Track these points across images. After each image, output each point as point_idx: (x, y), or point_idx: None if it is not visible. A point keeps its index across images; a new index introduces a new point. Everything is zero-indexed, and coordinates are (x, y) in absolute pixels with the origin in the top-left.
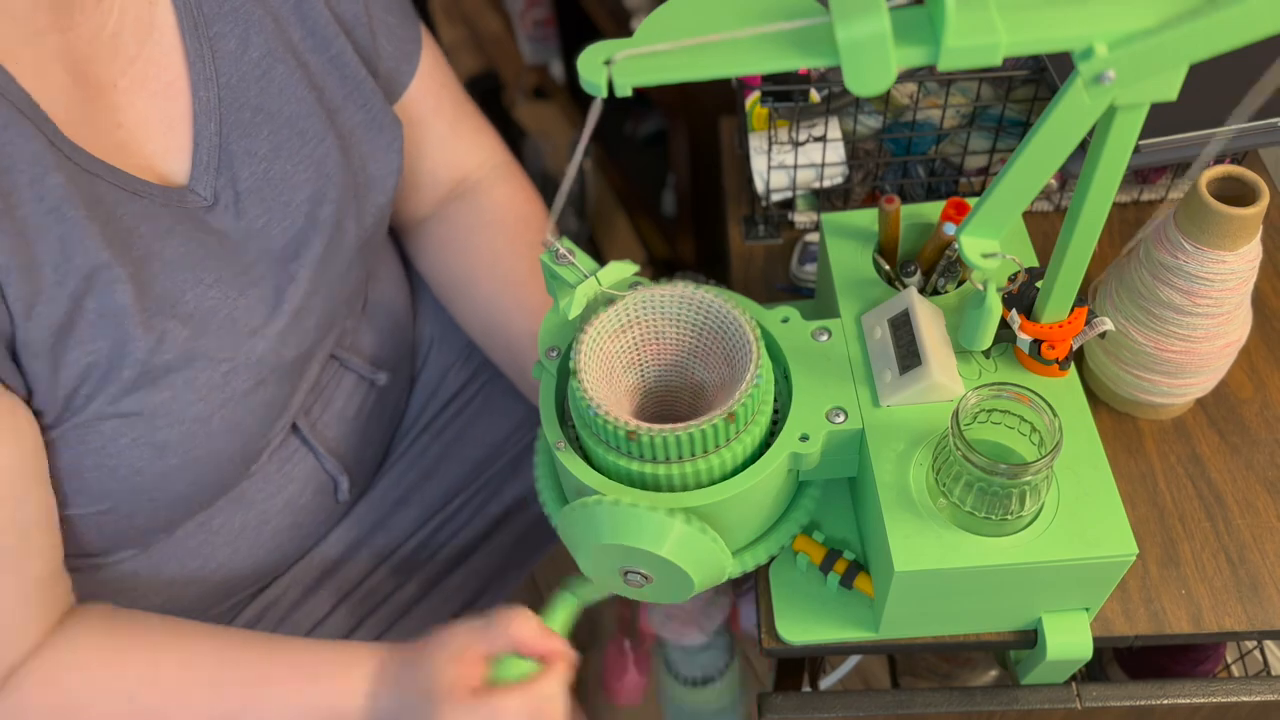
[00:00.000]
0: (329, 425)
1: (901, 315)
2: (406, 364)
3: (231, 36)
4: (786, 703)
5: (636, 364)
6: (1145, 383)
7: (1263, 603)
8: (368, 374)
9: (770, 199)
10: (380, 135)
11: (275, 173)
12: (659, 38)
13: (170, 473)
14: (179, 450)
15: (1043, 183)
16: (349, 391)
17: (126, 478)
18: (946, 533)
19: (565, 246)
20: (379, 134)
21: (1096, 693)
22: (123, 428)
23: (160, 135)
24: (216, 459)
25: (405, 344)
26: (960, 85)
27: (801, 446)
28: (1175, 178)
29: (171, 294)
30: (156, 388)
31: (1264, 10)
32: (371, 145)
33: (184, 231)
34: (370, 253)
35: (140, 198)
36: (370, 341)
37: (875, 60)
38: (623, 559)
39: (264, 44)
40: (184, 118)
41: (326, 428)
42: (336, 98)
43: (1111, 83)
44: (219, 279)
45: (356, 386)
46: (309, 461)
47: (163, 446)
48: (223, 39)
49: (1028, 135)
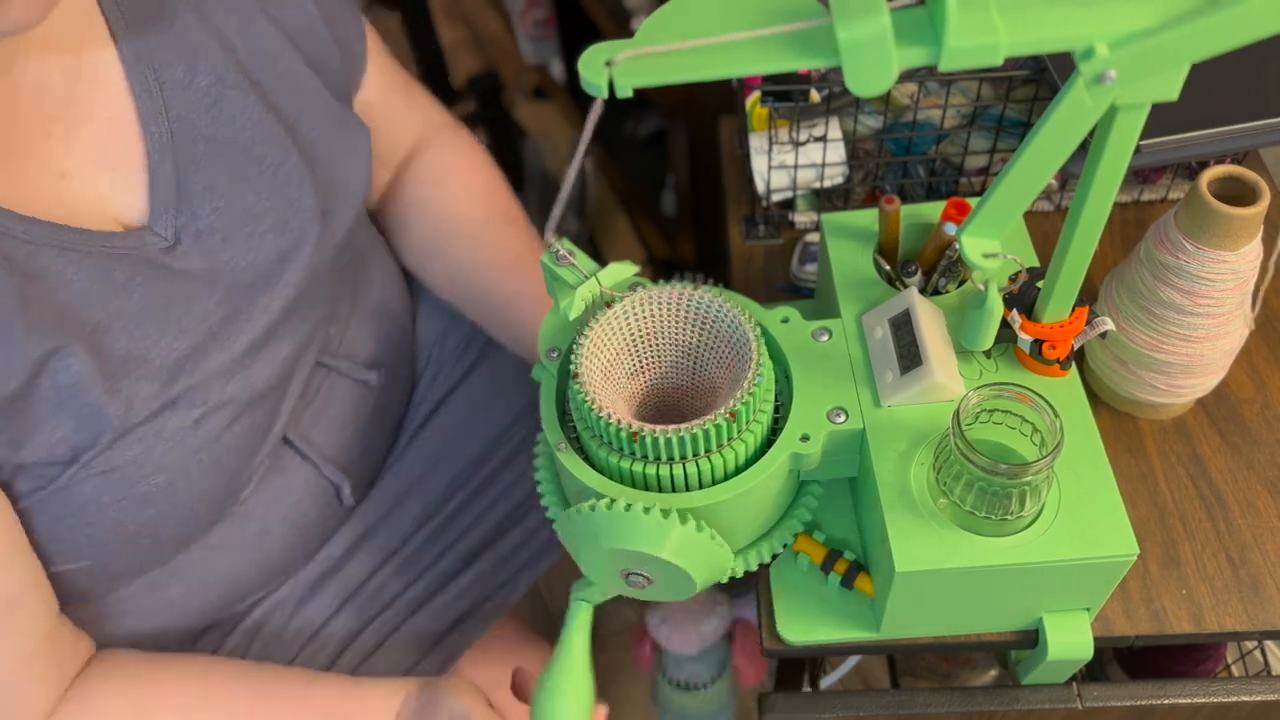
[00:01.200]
0: (323, 433)
1: (902, 315)
2: (405, 363)
3: (178, 66)
4: (787, 703)
5: (637, 365)
6: (1146, 383)
7: (1263, 603)
8: (360, 376)
9: (770, 199)
10: (345, 142)
11: (237, 205)
12: (660, 38)
13: (155, 520)
14: (161, 499)
15: (1044, 183)
16: (341, 397)
17: (110, 530)
18: (947, 533)
19: (566, 247)
20: (344, 141)
21: (1097, 693)
22: (102, 487)
23: (110, 177)
24: (203, 497)
25: (403, 343)
26: (961, 85)
27: (802, 447)
28: (1176, 178)
29: (137, 353)
30: (127, 443)
31: (1265, 10)
32: (338, 154)
33: (145, 281)
34: (351, 261)
35: (91, 256)
36: (363, 344)
37: (876, 61)
38: (624, 561)
39: (211, 71)
40: (136, 156)
41: (321, 435)
42: (293, 113)
43: (1112, 83)
44: (185, 327)
45: (349, 391)
46: (306, 471)
47: (144, 498)
48: (169, 69)
49: (1029, 136)
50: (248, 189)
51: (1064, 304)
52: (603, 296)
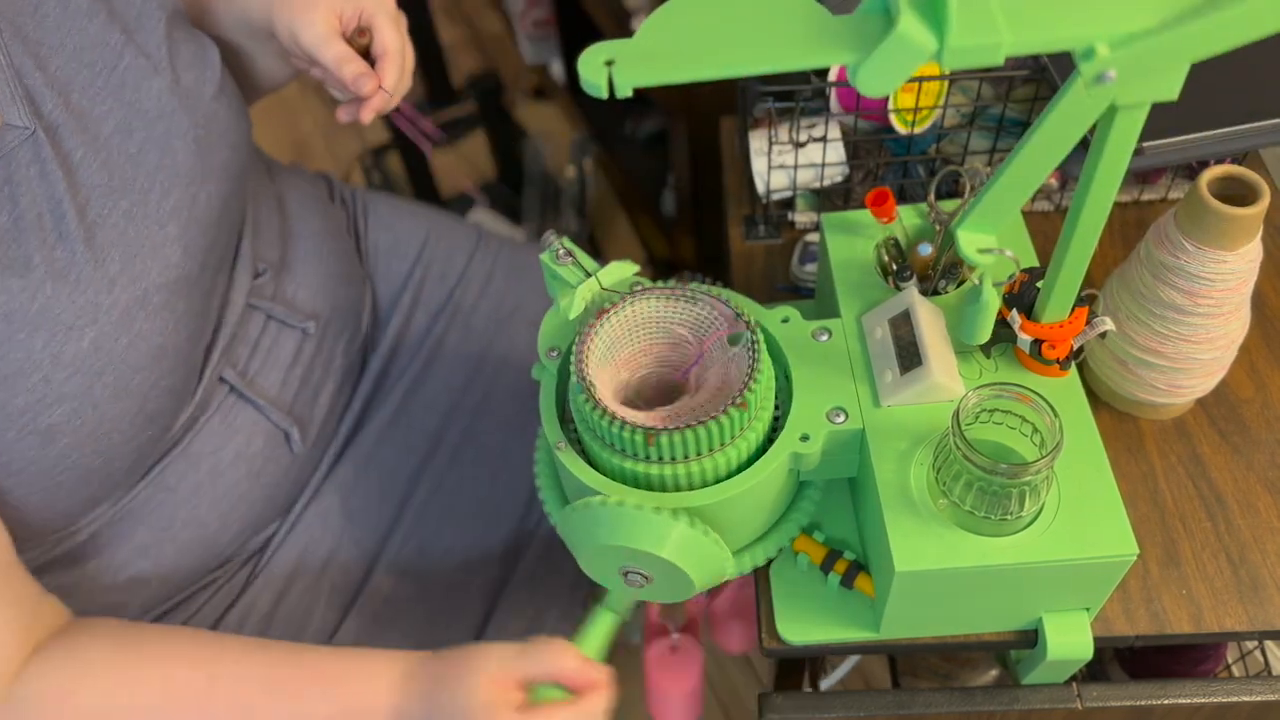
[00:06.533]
0: (264, 376)
1: (902, 315)
2: (350, 317)
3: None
4: (787, 703)
5: (637, 365)
6: (1146, 383)
7: (1263, 603)
8: (296, 324)
9: (770, 199)
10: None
11: (75, 106)
12: (660, 38)
13: (67, 453)
14: (67, 430)
15: (1040, 181)
16: (281, 343)
17: (23, 470)
18: (947, 533)
19: (566, 246)
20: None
21: (1097, 693)
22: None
23: None
24: (117, 426)
25: (344, 298)
26: (961, 85)
27: (802, 446)
28: (1176, 178)
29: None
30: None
31: (1265, 9)
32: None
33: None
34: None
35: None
36: (298, 293)
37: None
38: (623, 559)
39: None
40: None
41: (262, 378)
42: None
43: (1112, 82)
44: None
45: (288, 337)
46: (249, 413)
47: (47, 432)
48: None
49: (1027, 133)
50: (81, 93)
51: (1064, 304)
52: (603, 295)
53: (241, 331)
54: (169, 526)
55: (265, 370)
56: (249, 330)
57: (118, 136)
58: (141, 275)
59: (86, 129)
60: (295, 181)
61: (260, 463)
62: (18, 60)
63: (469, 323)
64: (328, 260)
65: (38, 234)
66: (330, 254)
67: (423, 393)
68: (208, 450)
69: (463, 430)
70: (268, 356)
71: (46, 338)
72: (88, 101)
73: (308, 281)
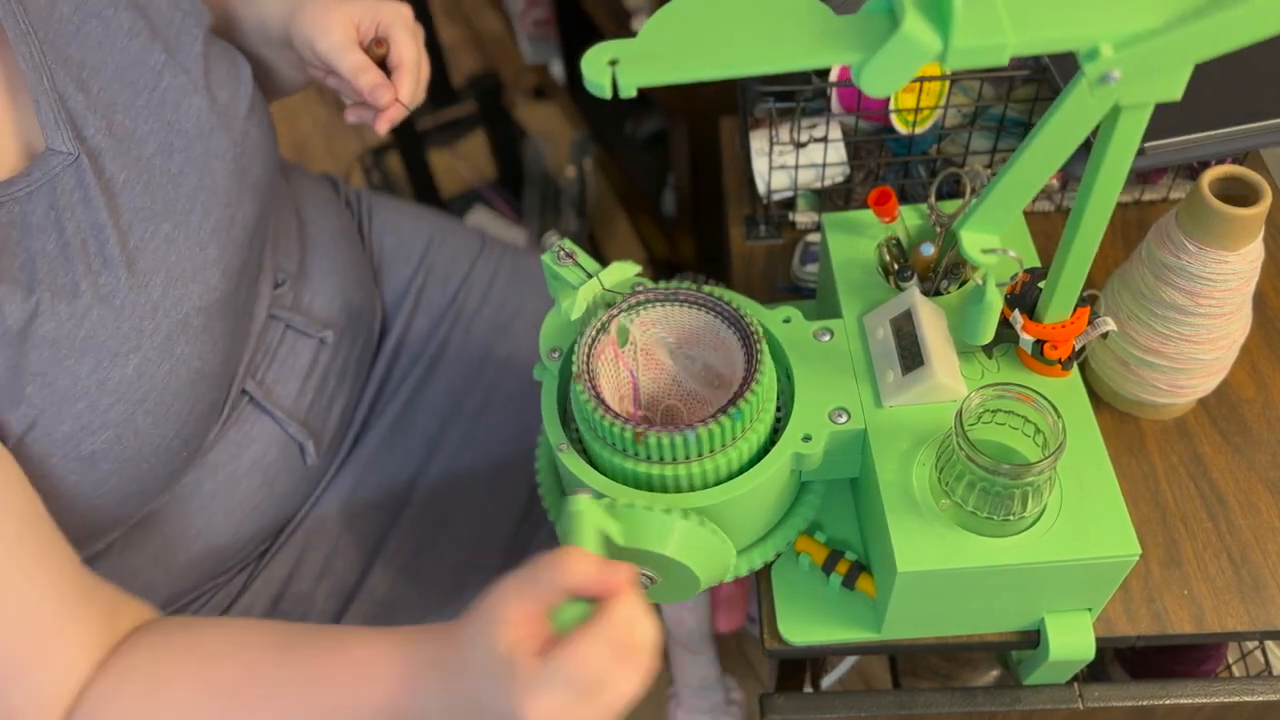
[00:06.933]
0: (282, 386)
1: (904, 315)
2: (362, 324)
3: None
4: (788, 703)
5: (638, 365)
6: (1147, 383)
7: (1264, 603)
8: (315, 334)
9: (771, 199)
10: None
11: (117, 128)
12: (664, 38)
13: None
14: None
15: (1044, 181)
16: (299, 352)
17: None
18: (949, 533)
19: (567, 248)
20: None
21: (1099, 693)
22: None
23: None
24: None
25: (358, 305)
26: (962, 85)
27: (804, 447)
28: (1177, 178)
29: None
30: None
31: (1267, 10)
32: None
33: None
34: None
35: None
36: (315, 301)
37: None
38: (626, 560)
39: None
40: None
41: (279, 388)
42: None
43: (1117, 83)
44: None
45: (305, 347)
46: (266, 423)
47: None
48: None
49: (1031, 134)
50: (123, 113)
51: (1065, 304)
52: (604, 296)
53: (261, 342)
54: (183, 535)
55: (282, 380)
56: (268, 340)
57: (159, 158)
58: (183, 299)
59: (129, 151)
60: (307, 184)
61: (274, 472)
62: (60, 84)
63: (471, 327)
64: (342, 267)
65: (83, 260)
66: (345, 260)
67: (424, 396)
68: (225, 460)
69: (463, 433)
70: (285, 366)
71: (93, 364)
72: (130, 122)
73: (324, 289)
